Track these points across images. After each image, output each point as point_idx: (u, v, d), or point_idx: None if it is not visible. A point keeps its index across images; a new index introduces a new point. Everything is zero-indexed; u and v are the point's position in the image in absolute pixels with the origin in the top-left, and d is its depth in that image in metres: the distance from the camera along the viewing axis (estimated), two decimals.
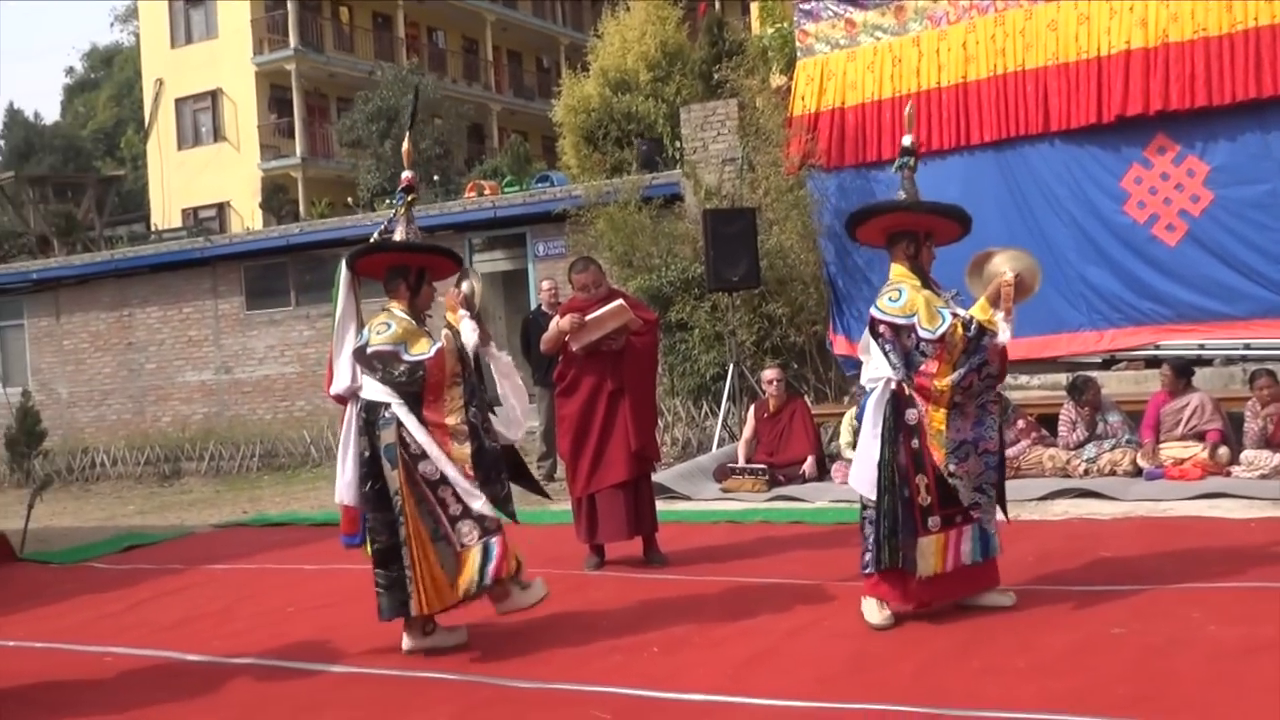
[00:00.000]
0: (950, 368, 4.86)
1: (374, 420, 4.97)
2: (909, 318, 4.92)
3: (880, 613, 4.92)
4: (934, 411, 4.90)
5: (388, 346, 4.96)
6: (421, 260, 5.24)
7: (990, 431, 5.01)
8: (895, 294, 5.00)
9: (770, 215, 11.94)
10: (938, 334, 4.86)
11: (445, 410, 4.94)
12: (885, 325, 4.98)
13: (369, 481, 4.98)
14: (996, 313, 4.87)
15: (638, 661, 4.72)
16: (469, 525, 4.90)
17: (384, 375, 4.97)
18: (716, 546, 7.01)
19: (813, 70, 12.20)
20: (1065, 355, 10.52)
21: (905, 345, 4.95)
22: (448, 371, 4.94)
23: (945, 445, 4.89)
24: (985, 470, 5.00)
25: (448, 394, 4.95)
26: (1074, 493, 7.87)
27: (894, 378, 4.94)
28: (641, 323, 6.58)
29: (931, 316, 4.89)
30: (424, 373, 4.91)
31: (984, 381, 4.94)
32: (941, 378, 4.87)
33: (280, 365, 17.28)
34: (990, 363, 4.92)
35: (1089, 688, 3.95)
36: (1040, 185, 10.85)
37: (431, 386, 4.93)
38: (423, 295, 5.21)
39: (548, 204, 14.65)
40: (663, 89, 18.68)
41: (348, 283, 5.24)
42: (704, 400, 11.78)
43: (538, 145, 32.35)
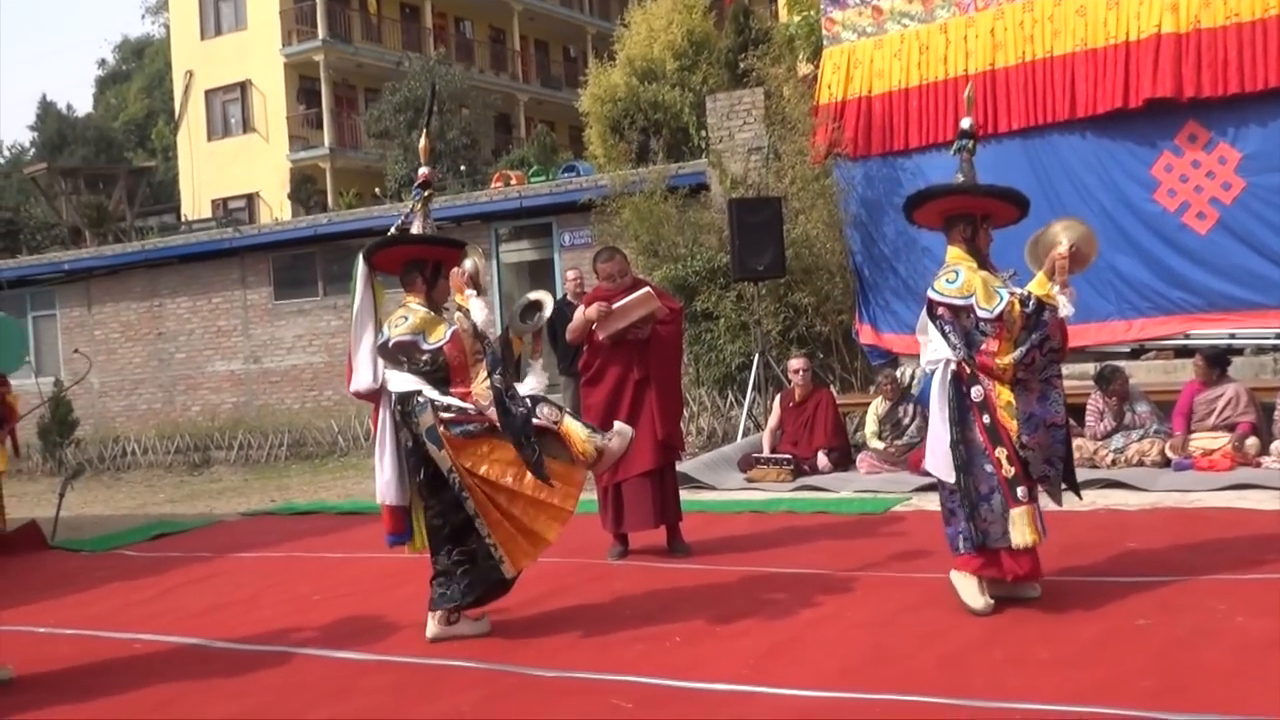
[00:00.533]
0: (1011, 345, 4.85)
1: (410, 410, 5.00)
2: (966, 298, 4.91)
3: (981, 599, 4.89)
4: (1000, 388, 4.90)
5: (407, 337, 4.99)
6: (437, 253, 5.25)
7: (1057, 406, 4.98)
8: (952, 275, 4.99)
9: (796, 204, 11.90)
10: (995, 313, 4.84)
11: (471, 384, 4.98)
12: (944, 307, 4.96)
13: (419, 470, 5.02)
14: (1054, 286, 4.82)
15: (660, 651, 4.72)
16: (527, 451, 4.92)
17: (410, 365, 5.01)
18: (740, 536, 7.02)
19: (839, 58, 12.13)
20: (1093, 345, 10.43)
21: (965, 325, 4.94)
22: (468, 352, 4.98)
23: (1017, 417, 4.87)
24: (1054, 444, 4.99)
25: (472, 372, 4.98)
26: (1101, 483, 7.82)
27: (954, 358, 4.93)
28: (667, 311, 6.59)
29: (989, 296, 4.87)
30: (444, 358, 4.95)
31: (1046, 356, 4.90)
32: (1003, 355, 4.86)
33: (308, 355, 17.40)
34: (1052, 337, 4.87)
35: (1113, 680, 3.92)
36: (1069, 173, 10.75)
37: (455, 369, 4.97)
38: (439, 288, 5.23)
39: (574, 194, 14.66)
40: (689, 78, 18.67)
41: (365, 278, 5.25)
42: (729, 390, 11.77)
43: (564, 135, 32.37)
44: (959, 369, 4.92)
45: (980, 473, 4.88)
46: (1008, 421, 4.85)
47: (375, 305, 5.27)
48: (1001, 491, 4.84)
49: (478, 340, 5.03)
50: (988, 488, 4.87)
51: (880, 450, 9.19)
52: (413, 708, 4.23)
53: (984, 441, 4.86)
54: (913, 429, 9.18)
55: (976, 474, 4.88)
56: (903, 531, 6.81)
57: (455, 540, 5.02)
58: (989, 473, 4.86)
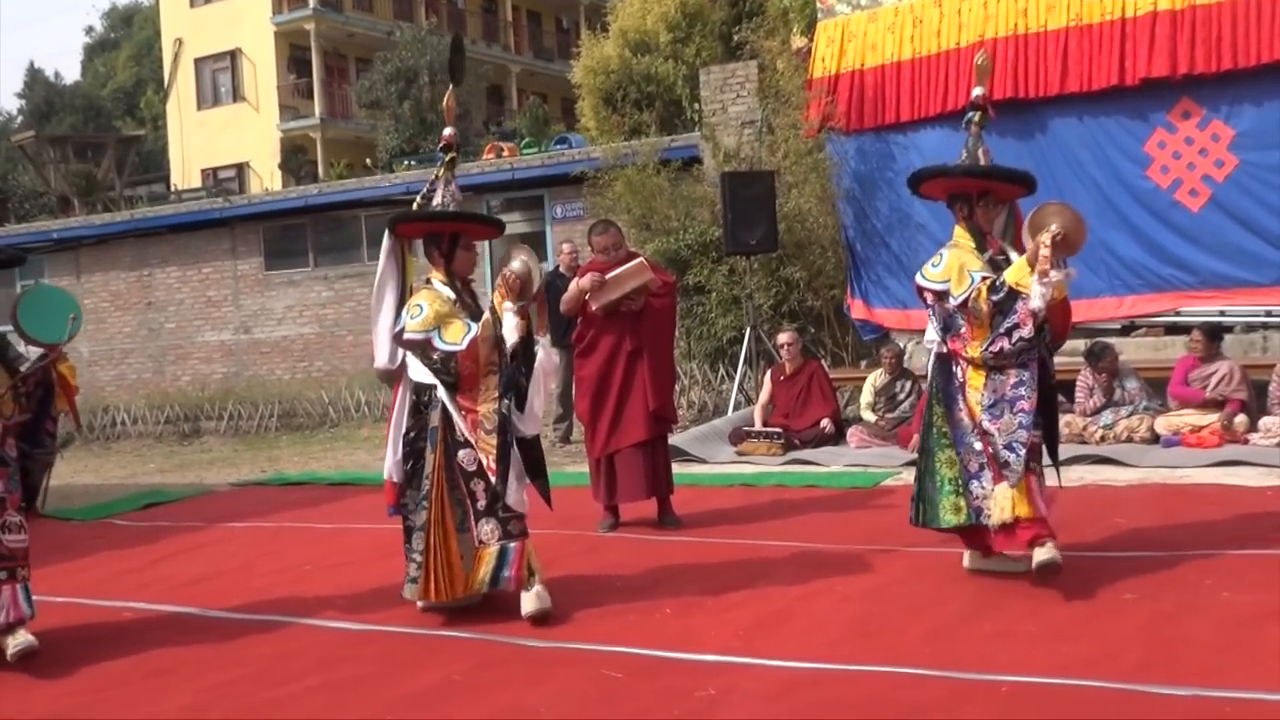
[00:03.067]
0: (985, 332, 4.83)
1: (423, 402, 4.95)
2: (944, 284, 4.93)
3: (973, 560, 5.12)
4: (973, 372, 4.92)
5: (419, 335, 4.83)
6: (454, 226, 5.12)
7: (1028, 390, 4.84)
8: (937, 259, 5.01)
9: (789, 178, 11.88)
10: (960, 299, 4.85)
11: (479, 398, 4.83)
12: (928, 292, 5.00)
13: (410, 460, 4.97)
14: (1032, 274, 4.67)
15: (651, 622, 4.75)
16: (492, 525, 4.83)
17: (423, 360, 4.90)
18: (731, 509, 7.04)
19: (833, 32, 12.07)
20: (1084, 321, 10.38)
21: (945, 310, 4.97)
22: (482, 361, 4.80)
23: (980, 404, 4.87)
24: (1017, 429, 4.83)
25: (483, 382, 4.82)
26: (1090, 459, 7.86)
27: (938, 341, 4.99)
28: (660, 283, 6.61)
29: (960, 280, 4.86)
30: (455, 364, 4.79)
31: (1015, 345, 4.77)
32: (973, 343, 4.88)
33: (299, 326, 17.36)
34: (1021, 326, 4.73)
35: (1099, 653, 3.96)
36: (1062, 149, 10.72)
37: (465, 378, 4.81)
38: (458, 261, 5.07)
39: (566, 166, 14.60)
40: (682, 50, 18.56)
41: (388, 250, 5.19)
42: (720, 363, 11.78)
43: (556, 107, 32.22)
44: (945, 352, 4.98)
45: (969, 451, 4.89)
46: (974, 406, 4.88)
47: (402, 278, 5.19)
48: (991, 469, 4.85)
49: (495, 350, 4.82)
50: (977, 465, 4.89)
51: (872, 424, 9.22)
52: (404, 677, 4.25)
53: (970, 422, 4.89)
54: (906, 404, 9.20)
55: (964, 453, 4.90)
56: (892, 505, 6.82)
57: (407, 537, 5.01)
58: (978, 450, 4.88)
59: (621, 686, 3.99)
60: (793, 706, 3.70)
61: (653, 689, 3.94)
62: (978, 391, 4.89)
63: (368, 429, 13.19)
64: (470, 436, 4.83)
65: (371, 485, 8.82)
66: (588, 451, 6.73)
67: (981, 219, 5.10)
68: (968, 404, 4.91)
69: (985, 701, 3.62)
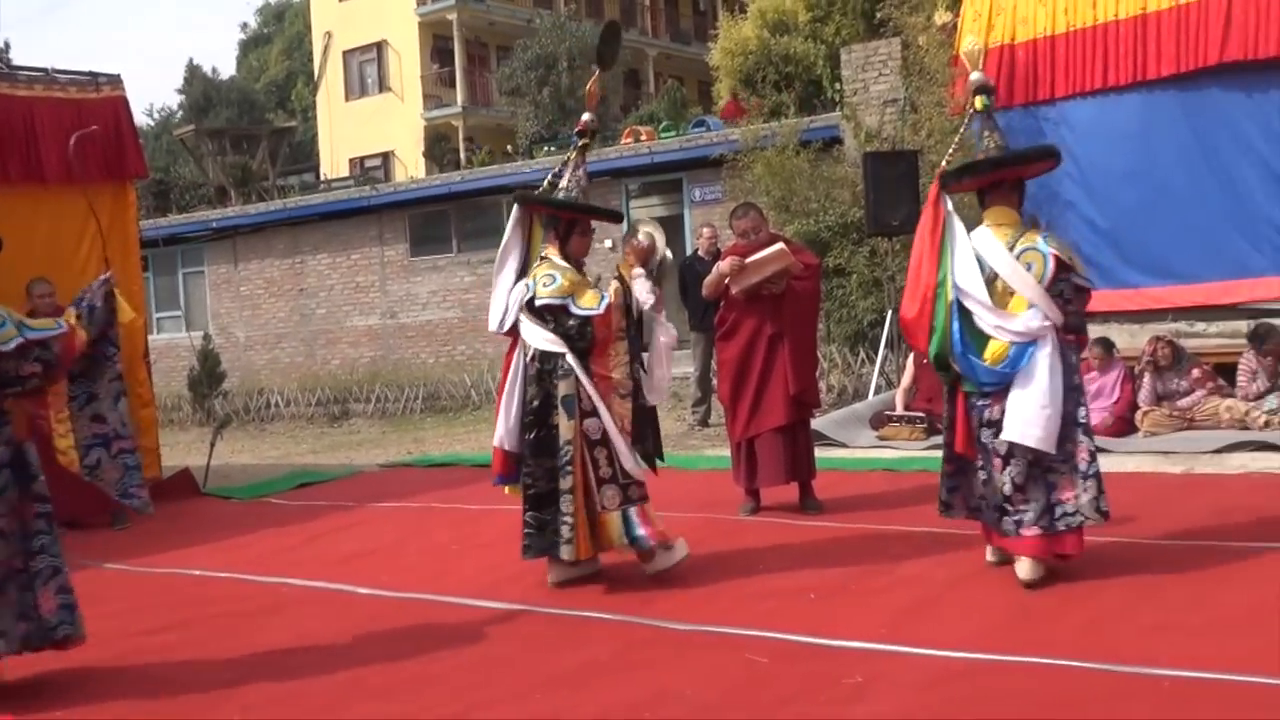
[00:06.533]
0: None
1: (550, 370, 5.05)
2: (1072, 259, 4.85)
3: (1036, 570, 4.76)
4: None
5: (556, 300, 5.02)
6: (569, 214, 5.28)
7: None
8: (1059, 241, 4.91)
9: (933, 158, 11.59)
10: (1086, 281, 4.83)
11: (611, 364, 5.05)
12: (1068, 270, 4.78)
13: (535, 429, 5.07)
14: None
15: (794, 607, 4.71)
16: (613, 490, 5.05)
17: (555, 327, 5.05)
18: (873, 494, 6.94)
19: (981, 5, 11.68)
20: (1247, 302, 9.91)
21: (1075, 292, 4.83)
22: (614, 327, 5.03)
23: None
24: None
25: (613, 348, 5.04)
26: (1253, 445, 7.49)
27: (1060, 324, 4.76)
28: (802, 267, 6.52)
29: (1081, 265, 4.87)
30: (592, 328, 4.99)
31: None
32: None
33: (442, 310, 17.76)
34: None
35: (1268, 648, 3.76)
36: (1226, 121, 10.17)
37: (599, 341, 5.03)
38: (572, 244, 5.25)
39: (704, 149, 14.56)
40: (822, 30, 18.33)
41: (515, 220, 5.35)
42: (860, 347, 11.62)
43: (694, 90, 32.14)
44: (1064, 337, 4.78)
45: (1079, 443, 4.73)
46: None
47: (527, 249, 5.34)
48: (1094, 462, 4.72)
49: (625, 317, 5.06)
50: (1087, 457, 4.72)
51: None
52: (549, 657, 4.31)
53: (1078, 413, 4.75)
54: None
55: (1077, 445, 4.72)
56: None
57: (538, 504, 5.11)
58: (1083, 442, 4.73)
59: (766, 671, 3.97)
60: (944, 697, 3.61)
61: (798, 674, 3.91)
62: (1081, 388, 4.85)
63: None
64: (601, 403, 5.00)
65: None
66: (729, 435, 6.70)
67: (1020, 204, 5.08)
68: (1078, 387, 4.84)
69: (1147, 697, 3.47)
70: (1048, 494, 4.70)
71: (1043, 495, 4.69)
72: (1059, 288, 4.74)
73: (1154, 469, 7.17)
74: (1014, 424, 4.67)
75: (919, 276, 4.99)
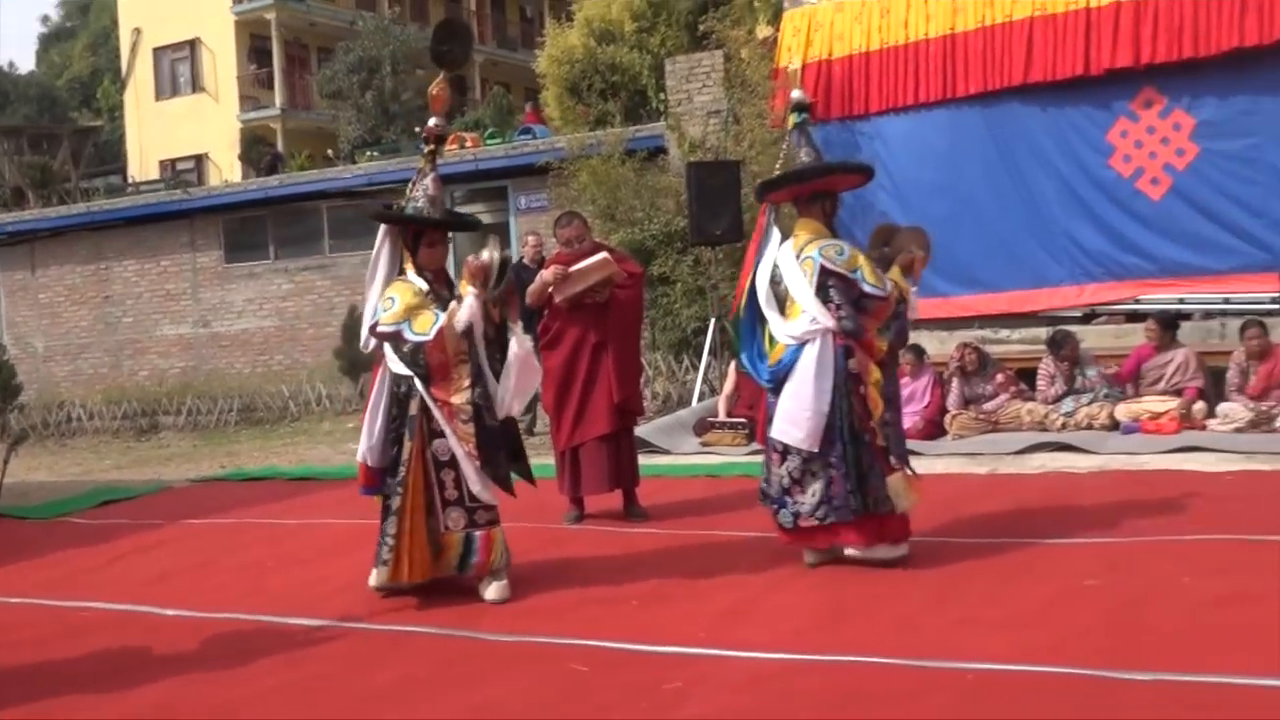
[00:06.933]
0: (883, 328, 5.08)
1: (403, 391, 5.00)
2: (854, 273, 5.02)
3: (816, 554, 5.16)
4: (872, 365, 5.06)
5: (391, 327, 4.93)
6: (412, 227, 5.17)
7: (898, 388, 5.42)
8: (840, 249, 5.10)
9: (755, 168, 11.85)
10: (885, 292, 5.02)
11: (452, 389, 4.92)
12: (836, 277, 5.03)
13: (394, 446, 5.02)
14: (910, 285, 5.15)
15: (616, 614, 4.73)
16: (458, 513, 4.97)
17: (395, 353, 4.98)
18: (696, 500, 7.03)
19: (799, 21, 12.06)
20: (1045, 309, 10.51)
21: (850, 298, 5.03)
22: (450, 351, 4.89)
23: (883, 395, 5.05)
24: (898, 423, 5.26)
25: (454, 372, 4.91)
26: (1051, 446, 7.90)
27: (835, 329, 5.00)
28: (626, 275, 6.57)
29: (876, 276, 5.05)
30: (424, 355, 4.87)
31: (901, 344, 5.39)
32: (877, 336, 5.06)
33: (259, 319, 17.19)
34: (905, 329, 5.27)
35: (1064, 639, 3.96)
36: (1026, 138, 10.77)
37: (433, 367, 4.90)
38: (422, 256, 5.11)
39: (530, 157, 14.53)
40: (647, 40, 18.51)
41: (380, 236, 5.22)
42: (685, 354, 11.77)
43: (520, 97, 32.05)
44: (840, 340, 5.00)
45: (862, 442, 4.98)
46: (876, 399, 5.01)
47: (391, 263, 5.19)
48: (879, 461, 4.98)
49: (464, 339, 4.91)
50: (870, 458, 4.97)
51: None
52: (367, 674, 4.20)
53: (862, 412, 4.98)
54: None
55: (859, 444, 4.97)
56: None
57: (383, 519, 5.07)
58: (867, 442, 4.99)
59: (588, 680, 3.96)
60: (760, 698, 3.68)
61: (619, 682, 3.92)
62: (879, 383, 5.05)
63: (329, 422, 13.09)
64: (447, 427, 4.91)
65: (334, 480, 8.77)
66: (553, 444, 6.69)
67: (831, 213, 5.31)
68: (864, 393, 5.01)
69: (950, 690, 3.61)
70: (826, 488, 4.98)
71: (820, 489, 4.98)
72: (827, 293, 4.99)
73: (961, 470, 7.48)
74: (779, 422, 5.03)
75: (741, 285, 5.35)
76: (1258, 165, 9.70)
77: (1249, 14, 9.46)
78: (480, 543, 4.96)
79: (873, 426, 4.99)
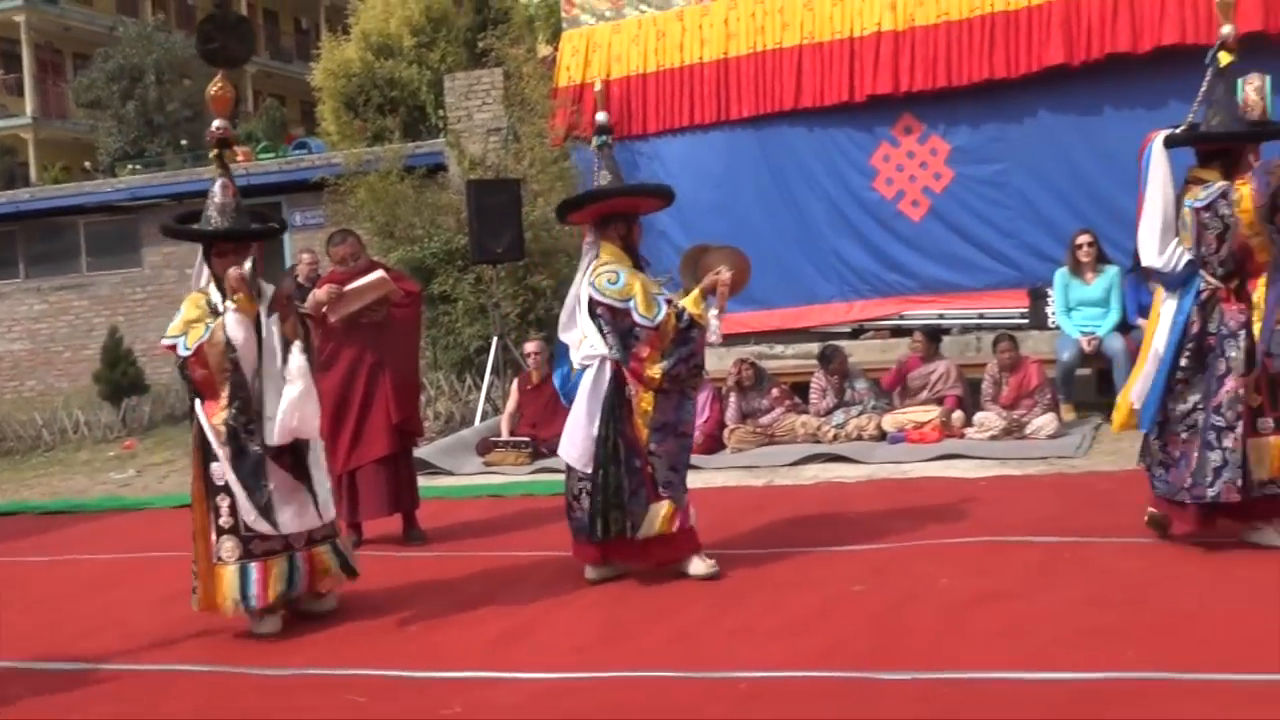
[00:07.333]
0: (660, 355, 5.07)
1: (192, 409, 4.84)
2: (626, 302, 5.05)
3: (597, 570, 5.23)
4: (643, 393, 5.10)
5: (169, 340, 4.75)
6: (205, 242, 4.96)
7: (688, 415, 5.28)
8: (614, 276, 5.10)
9: (535, 187, 11.88)
10: (655, 322, 5.03)
11: (215, 408, 4.71)
12: (603, 307, 5.09)
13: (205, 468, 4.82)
14: (709, 307, 5.09)
15: (395, 641, 4.64)
16: (232, 543, 4.72)
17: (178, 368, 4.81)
18: (478, 521, 6.95)
19: (578, 41, 12.20)
20: (817, 325, 10.95)
21: (621, 328, 5.10)
22: (214, 369, 4.65)
23: (649, 425, 5.09)
24: (681, 452, 5.24)
25: (221, 390, 4.69)
26: (824, 457, 8.19)
27: (610, 357, 5.08)
28: (403, 294, 6.48)
29: (649, 304, 5.04)
30: (188, 370, 4.68)
31: (691, 370, 5.16)
32: (652, 364, 5.07)
33: (8, 342, 16.05)
34: (697, 354, 5.14)
35: (832, 644, 4.11)
36: (796, 161, 11.19)
37: (197, 383, 4.69)
38: (216, 267, 4.88)
39: (305, 172, 14.13)
40: (427, 55, 18.27)
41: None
42: (468, 374, 11.64)
43: (295, 110, 31.15)
44: (615, 367, 5.10)
45: (630, 468, 5.06)
46: (641, 429, 5.08)
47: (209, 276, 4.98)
48: (646, 488, 5.07)
49: (229, 354, 4.66)
50: (635, 483, 5.06)
51: None
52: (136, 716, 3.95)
53: (634, 438, 5.08)
54: None
55: (625, 470, 5.05)
56: None
57: None
58: (637, 467, 5.07)
59: (365, 711, 3.86)
60: (537, 718, 3.66)
61: (397, 710, 3.84)
62: (647, 413, 5.08)
63: (87, 451, 12.30)
64: (219, 447, 4.68)
65: (90, 512, 8.28)
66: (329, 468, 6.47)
67: (635, 237, 5.32)
68: (635, 424, 5.08)
69: (726, 699, 3.69)
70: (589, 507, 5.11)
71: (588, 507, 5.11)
72: (599, 321, 5.10)
73: (739, 483, 7.66)
74: (563, 439, 5.16)
75: None
76: (1007, 190, 10.37)
77: (997, 49, 10.11)
78: (257, 574, 4.68)
79: (645, 453, 5.07)
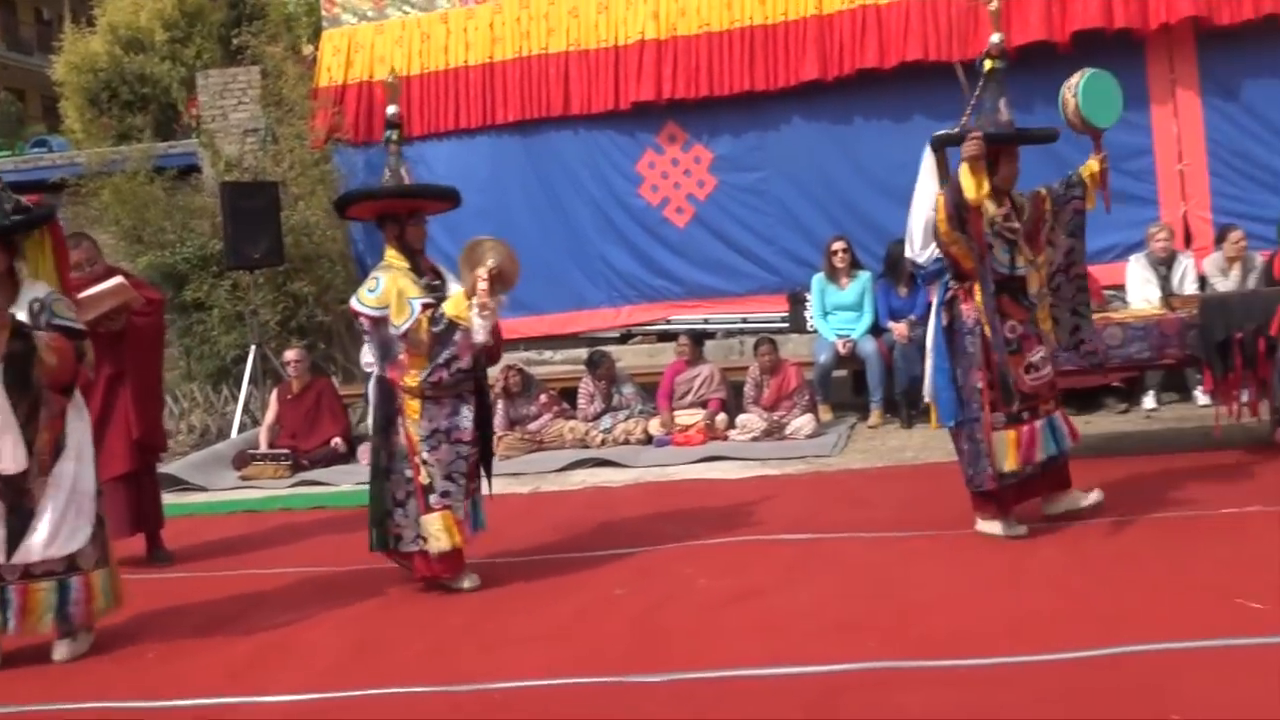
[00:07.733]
0: (424, 361, 4.93)
1: None
2: (383, 310, 4.94)
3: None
4: (410, 400, 4.99)
5: None
6: None
7: (465, 421, 5.04)
8: (374, 284, 5.00)
9: (295, 190, 11.47)
10: (402, 330, 4.91)
11: None
12: (365, 318, 5.00)
13: None
14: (471, 306, 4.82)
15: (132, 670, 4.35)
16: None
17: None
18: (232, 538, 6.63)
19: (339, 41, 11.87)
20: (586, 331, 11.01)
21: (384, 336, 5.00)
22: None
23: (419, 433, 4.97)
24: (456, 459, 5.03)
25: None
26: (591, 462, 8.21)
27: (376, 366, 5.02)
28: (144, 302, 6.11)
29: (400, 309, 4.91)
30: None
31: (454, 376, 4.96)
32: (412, 372, 4.96)
33: None
34: (460, 358, 4.92)
35: (590, 649, 4.11)
36: (563, 167, 11.21)
37: None
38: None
39: (44, 171, 13.21)
40: (181, 51, 17.41)
41: None
42: (224, 384, 11.12)
43: (35, 106, 29.13)
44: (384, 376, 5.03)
45: (399, 478, 4.99)
46: (413, 435, 4.98)
47: None
48: (417, 498, 4.97)
49: None
50: (404, 493, 4.99)
51: None
52: None
53: (406, 447, 4.99)
54: None
55: (395, 479, 5.00)
56: None
57: None
58: (408, 478, 4.98)
59: None
60: None
61: None
62: (415, 421, 4.97)
63: None
64: None
65: None
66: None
67: (413, 238, 5.18)
68: (406, 432, 4.99)
69: (480, 710, 3.63)
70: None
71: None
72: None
73: (506, 490, 7.54)
74: None
75: None
76: (767, 197, 10.68)
77: (757, 62, 10.40)
78: (81, 590, 4.48)
79: (416, 463, 4.94)
